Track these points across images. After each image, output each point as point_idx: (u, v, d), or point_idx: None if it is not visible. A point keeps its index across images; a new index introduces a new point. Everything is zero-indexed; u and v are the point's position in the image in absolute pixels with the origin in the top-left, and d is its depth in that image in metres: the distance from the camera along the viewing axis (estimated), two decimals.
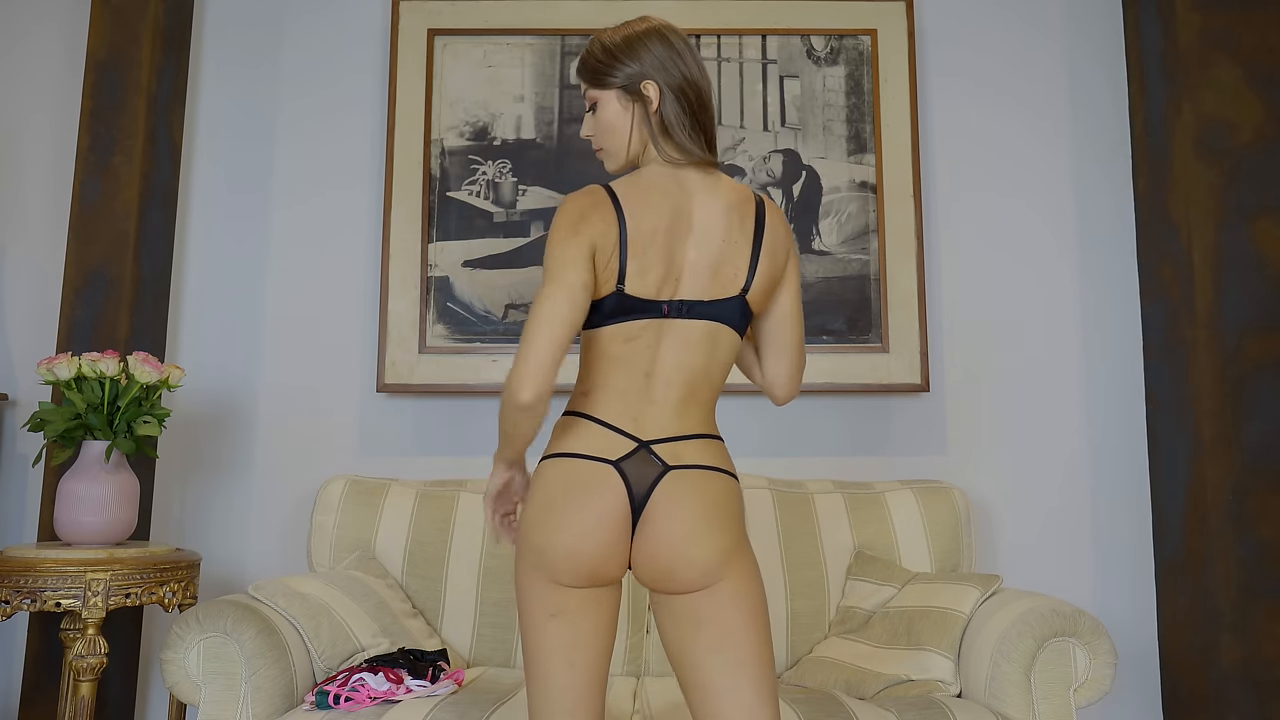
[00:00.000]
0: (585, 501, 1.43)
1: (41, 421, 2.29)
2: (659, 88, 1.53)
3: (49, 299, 2.86)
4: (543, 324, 1.40)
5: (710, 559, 1.44)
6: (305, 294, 2.92)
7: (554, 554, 1.43)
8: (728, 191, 1.55)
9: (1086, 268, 2.95)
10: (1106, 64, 3.04)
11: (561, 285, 1.42)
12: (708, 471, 1.48)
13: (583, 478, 1.45)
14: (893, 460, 2.87)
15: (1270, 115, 2.67)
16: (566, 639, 1.44)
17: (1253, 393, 2.57)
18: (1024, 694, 1.98)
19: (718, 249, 1.51)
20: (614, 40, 1.57)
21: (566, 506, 1.44)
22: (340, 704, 1.91)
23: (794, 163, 2.92)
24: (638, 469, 1.45)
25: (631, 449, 1.46)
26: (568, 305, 1.41)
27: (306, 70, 3.02)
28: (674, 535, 1.44)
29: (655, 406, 1.49)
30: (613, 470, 1.44)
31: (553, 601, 1.45)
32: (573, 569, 1.43)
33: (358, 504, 2.52)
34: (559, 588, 1.44)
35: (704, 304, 1.50)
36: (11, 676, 2.74)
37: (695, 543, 1.44)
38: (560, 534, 1.43)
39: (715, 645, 1.44)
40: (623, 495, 1.44)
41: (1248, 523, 2.52)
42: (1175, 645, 2.67)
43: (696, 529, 1.44)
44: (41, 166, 2.93)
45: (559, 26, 2.96)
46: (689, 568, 1.44)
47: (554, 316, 1.41)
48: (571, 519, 1.43)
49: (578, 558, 1.42)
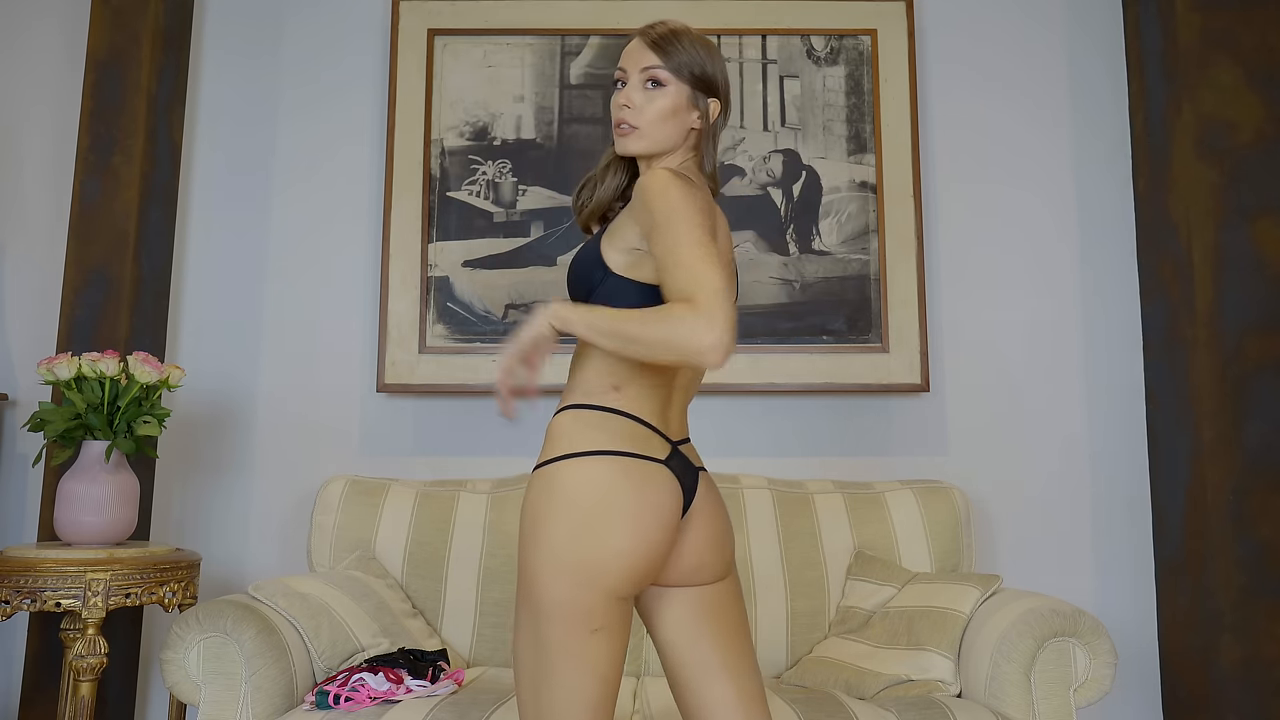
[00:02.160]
0: (648, 502, 1.36)
1: (41, 421, 2.29)
2: (721, 107, 1.56)
3: (49, 299, 2.86)
4: (722, 285, 1.26)
5: (733, 551, 1.55)
6: (305, 294, 2.92)
7: (617, 561, 1.33)
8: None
9: (1086, 268, 2.95)
10: (1107, 63, 3.04)
11: (711, 248, 1.31)
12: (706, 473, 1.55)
13: (640, 478, 1.37)
14: (893, 460, 2.87)
15: (1270, 115, 2.67)
16: (605, 654, 1.35)
17: (1253, 393, 2.57)
18: (1024, 694, 1.98)
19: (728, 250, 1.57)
20: (701, 40, 1.55)
21: (629, 508, 1.35)
22: (340, 704, 1.91)
23: (794, 163, 2.92)
24: (680, 470, 1.44)
25: (669, 450, 1.44)
26: (721, 266, 1.32)
27: (306, 69, 3.02)
28: (720, 532, 1.50)
29: (673, 408, 1.50)
30: (667, 470, 1.41)
31: (599, 615, 1.34)
32: (634, 576, 1.35)
33: (358, 504, 2.52)
34: (610, 600, 1.34)
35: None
36: (11, 676, 2.74)
37: (731, 536, 1.54)
38: (624, 539, 1.34)
39: (725, 629, 1.47)
40: (679, 496, 1.41)
41: (1248, 523, 2.52)
42: (1175, 645, 2.67)
43: (729, 530, 1.53)
44: (41, 166, 2.93)
45: (559, 26, 2.96)
46: (725, 563, 1.50)
47: (718, 272, 1.28)
48: (636, 522, 1.35)
49: (640, 563, 1.35)
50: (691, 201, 1.35)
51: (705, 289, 1.24)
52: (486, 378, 2.81)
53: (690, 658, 1.46)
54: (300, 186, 2.97)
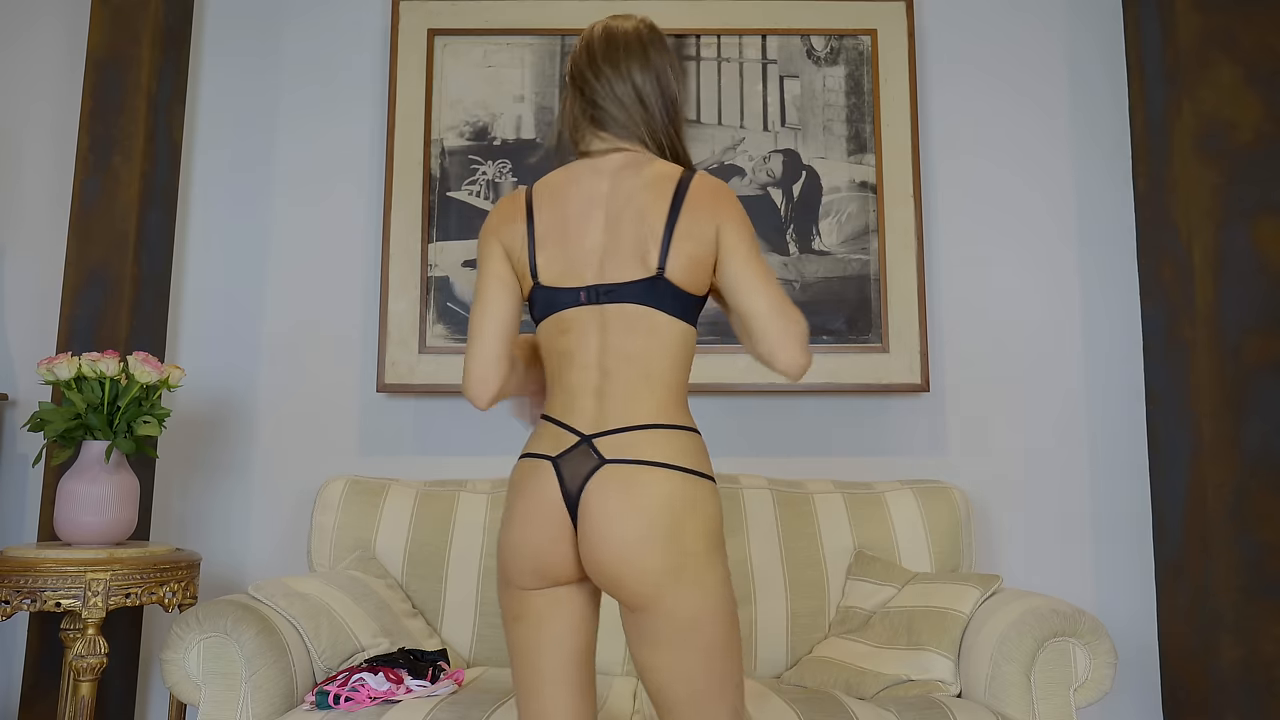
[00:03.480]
0: (524, 500, 1.44)
1: (41, 421, 2.29)
2: (567, 84, 1.63)
3: (49, 299, 2.86)
4: (473, 323, 1.52)
5: (657, 571, 1.34)
6: (305, 294, 2.92)
7: (504, 554, 1.45)
8: (648, 173, 1.51)
9: (1086, 268, 2.95)
10: (1107, 63, 3.04)
11: (480, 282, 1.54)
12: (653, 467, 1.38)
13: (524, 476, 1.45)
14: (893, 460, 2.87)
15: (1270, 115, 2.67)
16: (528, 642, 1.45)
17: (1253, 393, 2.57)
18: (1024, 694, 1.98)
19: (632, 231, 1.47)
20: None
21: (511, 507, 1.46)
22: (340, 704, 1.91)
23: (794, 163, 2.92)
24: (573, 464, 1.41)
25: (572, 444, 1.43)
26: (490, 295, 1.52)
27: (306, 69, 3.02)
28: (610, 536, 1.36)
29: (602, 399, 1.44)
30: (549, 466, 1.43)
31: (513, 605, 1.46)
32: (518, 568, 1.44)
33: (358, 504, 2.52)
34: (517, 591, 1.45)
35: (620, 287, 1.46)
36: (11, 676, 2.74)
37: (636, 549, 1.34)
38: (507, 533, 1.45)
39: (662, 674, 1.38)
40: (554, 491, 1.41)
41: (1248, 523, 2.52)
42: (1175, 645, 2.67)
43: (634, 533, 1.35)
44: (41, 166, 2.93)
45: (559, 26, 2.96)
46: (634, 579, 1.35)
47: (481, 311, 1.52)
48: (514, 518, 1.45)
49: (520, 556, 1.43)
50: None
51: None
52: None
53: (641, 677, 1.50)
54: (300, 186, 2.97)
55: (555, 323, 1.50)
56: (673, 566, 1.35)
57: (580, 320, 1.48)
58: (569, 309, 1.49)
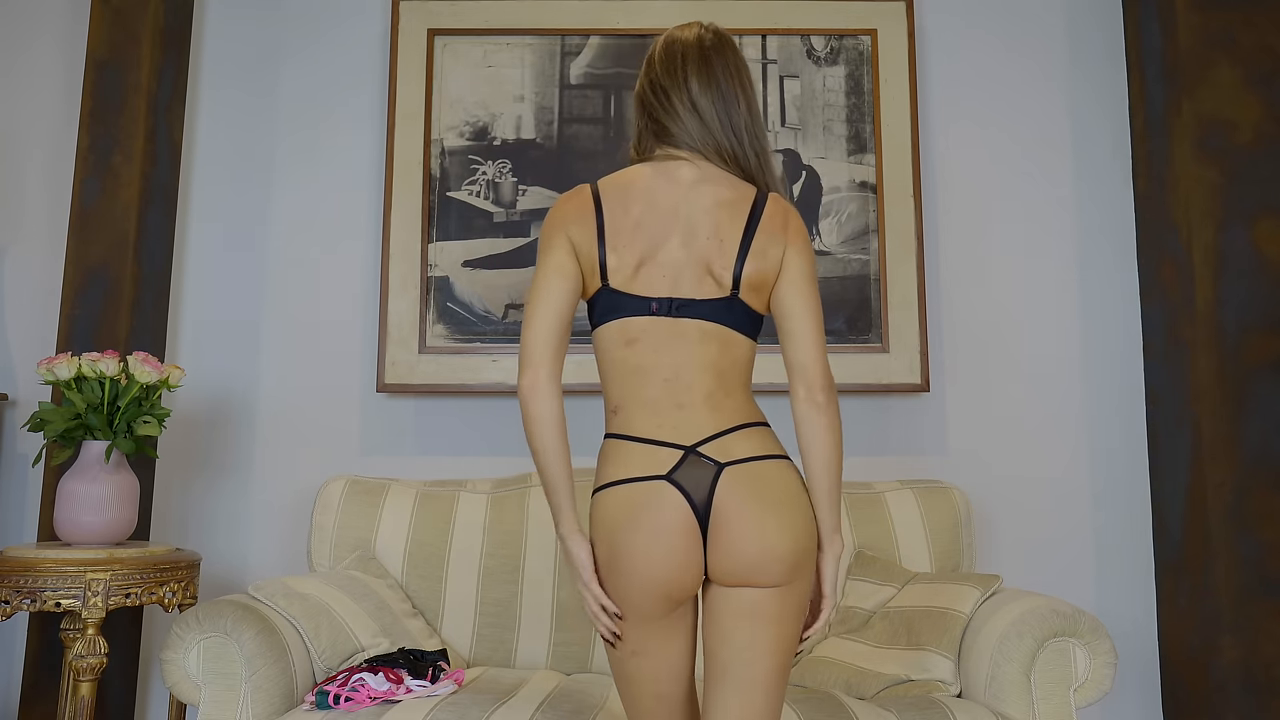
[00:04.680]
0: (647, 523, 1.39)
1: (41, 421, 2.29)
2: (636, 99, 1.61)
3: (49, 299, 2.86)
4: (530, 309, 1.45)
5: (795, 550, 1.40)
6: (305, 294, 2.92)
7: (628, 585, 1.39)
8: (724, 188, 1.51)
9: (1086, 267, 2.95)
10: (1106, 64, 3.04)
11: (542, 270, 1.47)
12: (763, 461, 1.43)
13: (637, 501, 1.40)
14: (893, 460, 2.87)
15: (1270, 115, 2.67)
16: (650, 674, 1.44)
17: (1253, 393, 2.57)
18: (1024, 694, 1.98)
19: (703, 246, 1.48)
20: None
21: (629, 536, 1.39)
22: (340, 704, 1.91)
23: (794, 163, 2.92)
24: (691, 475, 1.40)
25: (679, 458, 1.42)
26: (550, 284, 1.46)
27: (306, 69, 3.02)
28: (754, 532, 1.39)
29: (687, 410, 1.44)
30: (666, 484, 1.40)
31: (632, 640, 1.42)
32: (650, 598, 1.39)
33: (358, 504, 2.52)
34: (637, 624, 1.41)
35: (696, 303, 1.47)
36: (11, 676, 2.74)
37: (778, 534, 1.39)
38: (630, 565, 1.39)
39: (755, 650, 1.41)
40: (683, 507, 1.39)
41: (1248, 523, 2.52)
42: (1175, 645, 2.67)
43: (773, 521, 1.39)
44: (41, 166, 2.93)
45: (559, 26, 2.96)
46: (777, 561, 1.39)
47: (538, 297, 1.45)
48: (638, 547, 1.38)
49: (654, 584, 1.38)
50: (540, 235, 1.54)
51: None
52: (487, 378, 2.81)
53: (706, 659, 1.48)
54: (300, 186, 2.97)
55: (620, 330, 1.47)
56: (807, 547, 1.43)
57: (651, 332, 1.46)
58: (637, 317, 1.46)
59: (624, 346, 1.47)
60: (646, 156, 1.56)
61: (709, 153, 1.54)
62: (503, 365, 2.81)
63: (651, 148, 1.56)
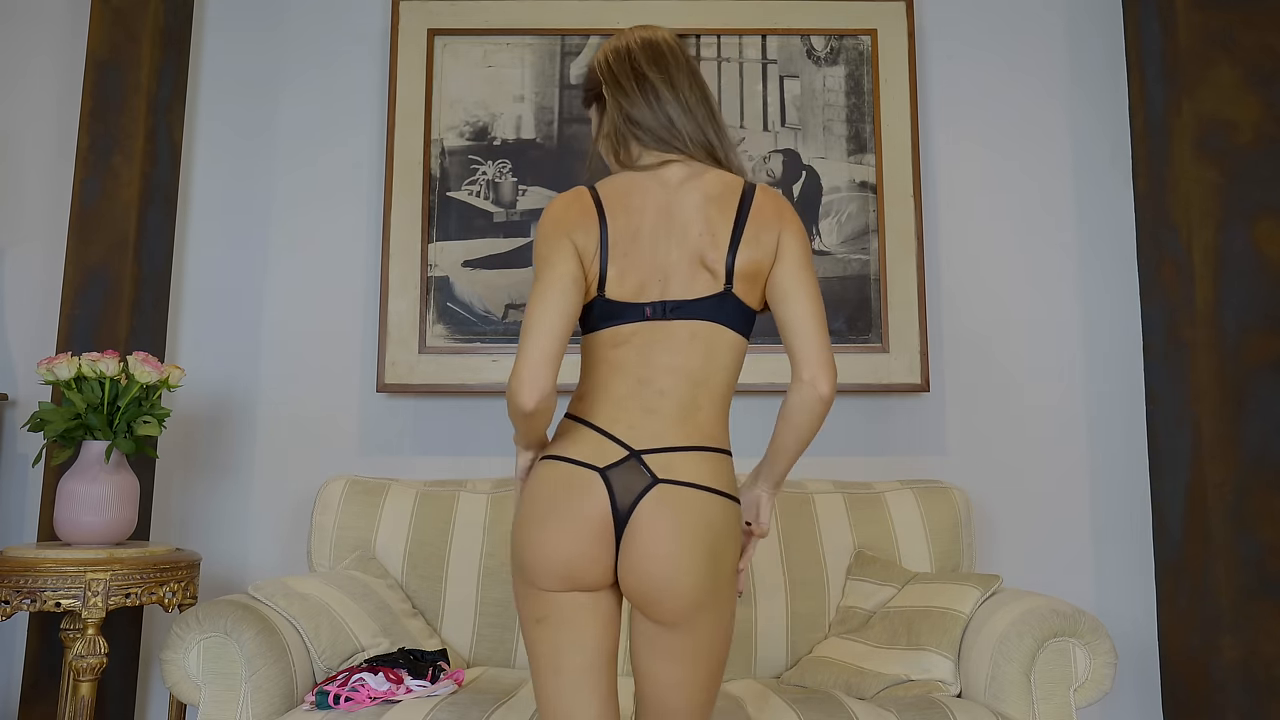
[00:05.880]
0: (565, 506, 1.41)
1: (41, 421, 2.29)
2: (605, 97, 1.58)
3: (49, 299, 2.86)
4: (535, 318, 1.39)
5: (699, 591, 1.39)
6: (305, 294, 2.92)
7: (531, 557, 1.42)
8: (711, 183, 1.52)
9: (1086, 267, 2.95)
10: (1106, 63, 3.04)
11: (549, 277, 1.42)
12: (700, 491, 1.41)
13: (567, 482, 1.42)
14: (893, 460, 2.87)
15: (1270, 115, 2.67)
16: (551, 644, 1.43)
17: (1253, 393, 2.57)
18: (1024, 694, 1.98)
19: (695, 244, 1.48)
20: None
21: (548, 510, 1.42)
22: (340, 704, 1.91)
23: (794, 163, 2.92)
24: (625, 478, 1.41)
25: (621, 457, 1.42)
26: (559, 294, 1.41)
27: (306, 69, 3.02)
28: (659, 555, 1.39)
29: (652, 415, 1.44)
30: (597, 477, 1.41)
31: (535, 606, 1.44)
32: (548, 573, 1.41)
33: (358, 504, 2.52)
34: (540, 592, 1.43)
35: (689, 303, 1.46)
36: (11, 676, 2.74)
37: (684, 569, 1.38)
38: (538, 536, 1.41)
39: (668, 685, 1.45)
40: (604, 503, 1.40)
41: (1248, 523, 2.52)
42: (1175, 645, 2.67)
43: (683, 554, 1.38)
44: (41, 166, 2.93)
45: (559, 26, 2.96)
46: (676, 597, 1.39)
47: (546, 309, 1.40)
48: (550, 523, 1.41)
49: (552, 562, 1.40)
50: (539, 234, 1.52)
51: (519, 341, 1.46)
52: (487, 378, 2.81)
53: (639, 681, 1.50)
54: (300, 186, 2.97)
55: (611, 335, 1.47)
56: (711, 589, 1.40)
57: (639, 334, 1.46)
58: (630, 323, 1.46)
59: (612, 348, 1.48)
60: (634, 165, 1.56)
61: (694, 149, 1.54)
62: (503, 365, 2.81)
63: (632, 147, 1.56)
